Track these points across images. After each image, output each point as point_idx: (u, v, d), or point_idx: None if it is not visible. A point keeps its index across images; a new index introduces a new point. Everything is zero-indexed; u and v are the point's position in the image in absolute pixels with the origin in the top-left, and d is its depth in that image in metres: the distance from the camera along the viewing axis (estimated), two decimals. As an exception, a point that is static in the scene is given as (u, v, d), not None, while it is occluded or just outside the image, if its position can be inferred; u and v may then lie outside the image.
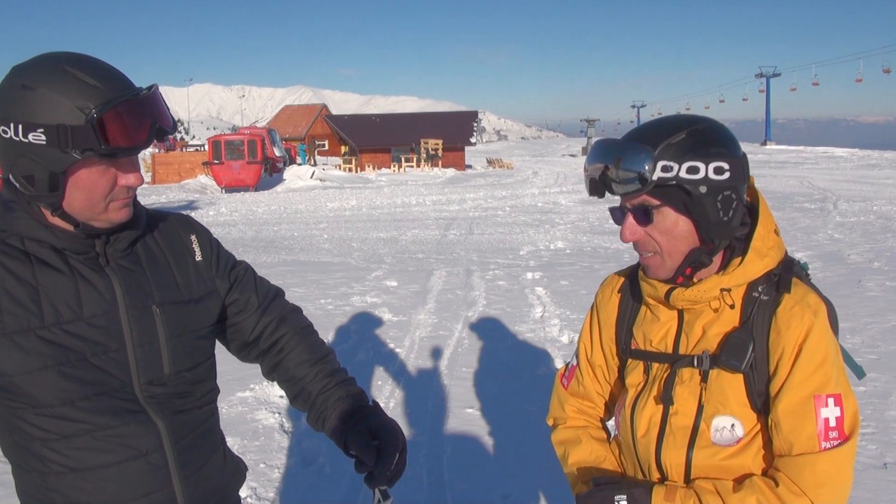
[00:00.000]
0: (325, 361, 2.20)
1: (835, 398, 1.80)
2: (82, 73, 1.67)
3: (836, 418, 1.79)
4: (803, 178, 33.07)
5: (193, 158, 43.57)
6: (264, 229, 19.97)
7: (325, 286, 11.34)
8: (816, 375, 1.80)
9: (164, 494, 1.91)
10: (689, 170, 1.78)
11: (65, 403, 1.76)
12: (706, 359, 1.91)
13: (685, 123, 1.84)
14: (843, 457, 1.79)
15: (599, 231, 17.85)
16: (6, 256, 1.77)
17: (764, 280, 1.91)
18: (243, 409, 6.27)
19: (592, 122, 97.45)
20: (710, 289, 1.89)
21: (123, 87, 1.72)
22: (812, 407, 1.79)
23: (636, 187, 1.81)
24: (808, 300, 1.87)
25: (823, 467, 1.77)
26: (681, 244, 1.88)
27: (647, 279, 1.99)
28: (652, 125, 1.90)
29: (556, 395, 2.39)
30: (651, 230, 1.89)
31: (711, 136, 1.84)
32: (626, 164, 1.81)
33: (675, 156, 1.78)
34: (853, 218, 19.34)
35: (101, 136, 1.65)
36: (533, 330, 8.67)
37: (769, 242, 1.91)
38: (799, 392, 1.80)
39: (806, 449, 1.79)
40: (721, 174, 1.80)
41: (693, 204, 1.81)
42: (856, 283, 10.76)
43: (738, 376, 1.89)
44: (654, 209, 1.85)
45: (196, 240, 2.10)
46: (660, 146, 1.79)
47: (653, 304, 2.05)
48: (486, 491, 4.86)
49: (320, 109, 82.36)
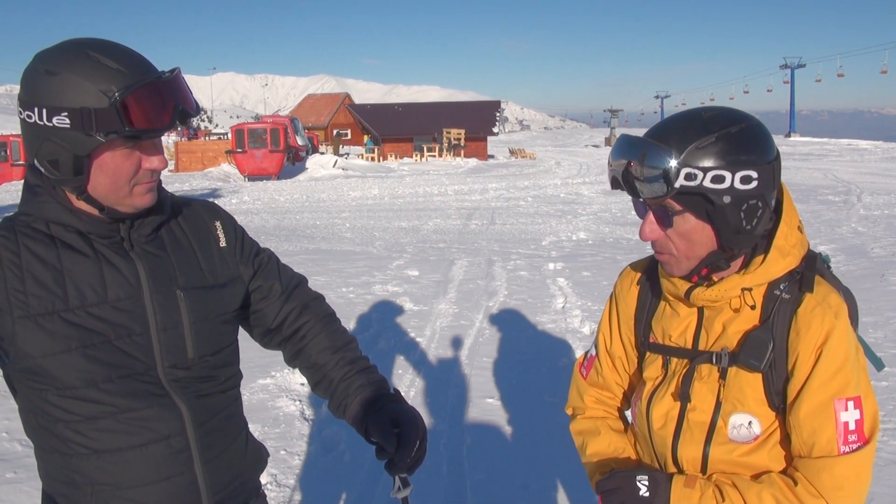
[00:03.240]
0: (348, 349, 2.21)
1: (854, 401, 1.78)
2: (105, 57, 1.68)
3: (855, 421, 1.77)
4: (827, 171, 32.73)
5: (216, 147, 43.74)
6: (286, 218, 20.03)
7: (346, 275, 11.35)
8: (836, 378, 1.78)
9: (185, 478, 1.93)
10: (715, 179, 1.71)
11: (88, 386, 1.78)
12: (725, 356, 1.89)
13: (716, 125, 1.75)
14: (862, 460, 1.78)
15: (622, 222, 17.76)
16: (31, 240, 1.79)
17: (786, 278, 1.87)
18: (264, 397, 6.30)
19: (616, 112, 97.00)
20: (731, 288, 1.86)
21: (146, 70, 1.73)
22: (832, 410, 1.78)
23: (658, 192, 1.75)
24: (830, 301, 1.84)
25: (842, 471, 1.76)
26: (699, 249, 1.84)
27: (667, 276, 1.97)
28: (682, 122, 1.80)
29: (575, 384, 2.39)
30: (670, 233, 1.84)
31: (743, 142, 1.75)
32: (650, 164, 1.74)
33: (700, 162, 1.71)
34: (877, 211, 19.11)
35: (125, 118, 1.66)
36: (554, 321, 8.65)
37: (792, 240, 1.87)
38: (819, 395, 1.79)
39: (825, 452, 1.77)
40: (748, 183, 1.73)
41: (715, 213, 1.75)
42: (879, 277, 10.63)
43: (757, 375, 1.87)
44: (674, 214, 1.80)
45: (220, 226, 2.12)
46: (686, 150, 1.72)
47: (672, 299, 2.03)
48: (506, 481, 4.86)
49: (343, 98, 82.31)
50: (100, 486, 1.85)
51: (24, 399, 1.87)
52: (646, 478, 1.88)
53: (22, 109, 1.72)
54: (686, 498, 1.84)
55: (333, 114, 77.06)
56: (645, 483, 1.87)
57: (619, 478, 1.91)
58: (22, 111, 1.72)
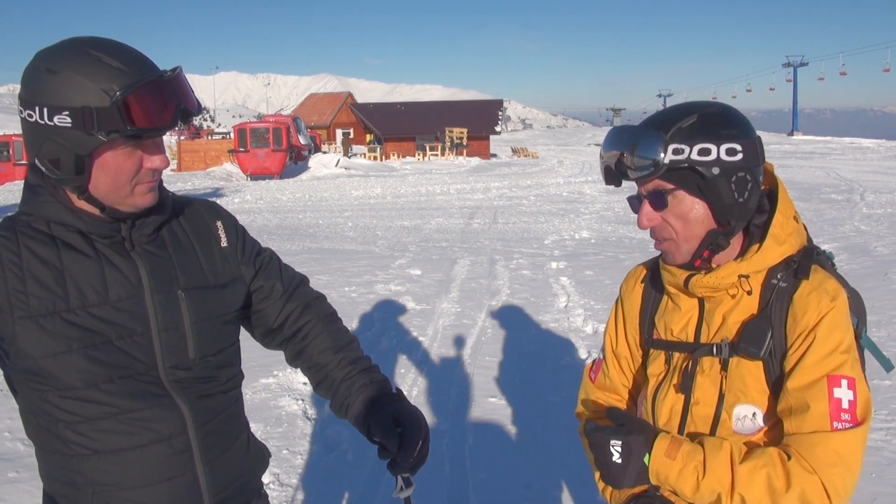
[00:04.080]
0: (349, 349, 2.21)
1: (849, 381, 1.77)
2: (106, 55, 1.67)
3: (849, 401, 1.75)
4: (830, 169, 32.73)
5: (219, 146, 43.83)
6: (289, 217, 20.05)
7: (349, 274, 11.36)
8: (832, 357, 1.78)
9: (186, 479, 1.92)
10: (701, 151, 1.79)
11: (89, 386, 1.78)
12: (725, 347, 1.90)
13: (697, 108, 1.85)
14: (856, 440, 1.74)
15: (624, 221, 17.76)
16: (32, 240, 1.78)
17: (783, 267, 1.89)
18: (267, 396, 6.30)
19: (618, 111, 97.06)
20: (729, 275, 1.88)
21: (147, 69, 1.72)
22: (825, 385, 1.76)
23: (649, 171, 1.82)
24: (826, 286, 1.84)
25: (836, 447, 1.72)
26: (696, 228, 1.87)
27: (667, 267, 1.99)
28: (665, 111, 1.91)
29: (584, 388, 2.39)
30: (666, 215, 1.88)
31: (722, 119, 1.84)
32: (640, 151, 1.83)
33: (686, 138, 1.79)
34: (880, 210, 19.10)
35: (126, 117, 1.65)
36: (557, 320, 8.64)
37: (788, 229, 1.90)
38: (813, 372, 1.78)
39: (818, 427, 1.75)
40: (734, 155, 1.80)
41: (707, 186, 1.82)
42: (882, 276, 10.62)
43: (758, 364, 1.87)
44: (668, 193, 1.85)
45: (222, 226, 2.11)
46: (671, 130, 1.81)
47: (674, 292, 2.04)
48: (508, 480, 4.85)
49: (345, 98, 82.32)
50: (101, 486, 1.85)
51: (25, 399, 1.87)
52: (619, 443, 1.85)
53: (23, 109, 1.71)
54: (666, 467, 1.81)
55: (336, 113, 77.10)
56: (618, 449, 1.84)
57: (594, 437, 1.89)
58: (23, 110, 1.71)
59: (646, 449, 1.84)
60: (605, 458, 1.86)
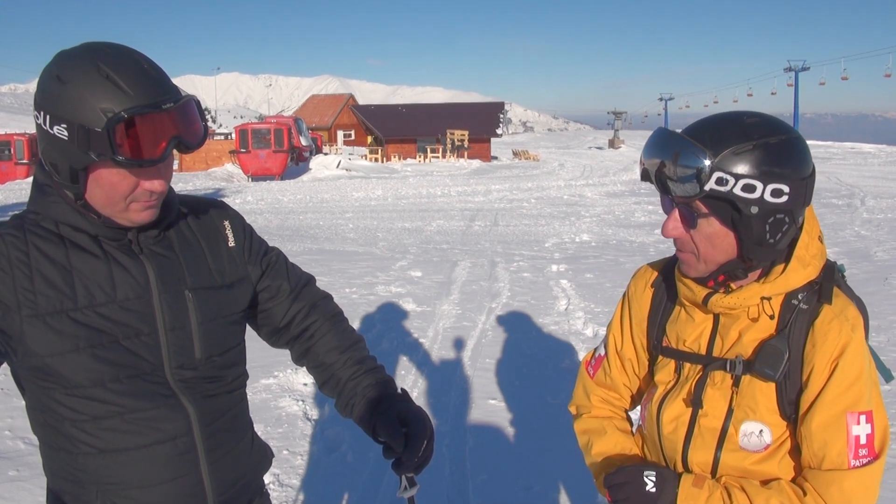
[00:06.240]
0: (355, 349, 2.21)
1: (866, 415, 1.77)
2: (116, 72, 1.65)
3: (866, 436, 1.77)
4: (830, 174, 32.67)
5: (220, 147, 43.82)
6: (290, 218, 20.04)
7: (349, 275, 11.37)
8: (850, 392, 1.77)
9: (190, 478, 1.93)
10: (746, 188, 1.69)
11: (96, 385, 1.78)
12: (740, 364, 1.88)
13: (756, 133, 1.72)
14: (872, 475, 1.77)
15: (625, 224, 17.77)
16: (40, 239, 1.78)
17: (804, 288, 1.86)
18: (267, 397, 6.29)
19: (620, 114, 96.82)
20: (751, 297, 1.84)
21: (154, 94, 1.68)
22: (844, 423, 1.77)
23: (688, 192, 1.74)
24: (848, 314, 1.82)
25: (851, 485, 1.75)
26: (719, 255, 1.82)
27: (685, 280, 1.94)
28: (722, 123, 1.78)
29: (582, 383, 2.38)
30: (693, 234, 1.82)
31: (779, 156, 1.72)
32: (683, 163, 1.72)
33: (734, 168, 1.69)
34: (880, 215, 19.11)
35: (115, 146, 1.63)
36: (557, 322, 8.65)
37: (812, 250, 1.85)
38: (832, 408, 1.78)
39: (835, 465, 1.77)
40: (778, 197, 1.71)
41: (741, 221, 1.74)
42: (882, 281, 10.63)
43: (771, 384, 1.85)
44: (700, 216, 1.79)
45: (229, 225, 2.11)
46: (721, 153, 1.70)
47: (688, 305, 2.00)
48: (508, 482, 4.86)
49: (347, 99, 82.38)
50: (105, 485, 1.86)
51: (32, 397, 1.87)
52: (653, 473, 1.87)
53: (34, 108, 1.72)
54: (693, 497, 1.83)
55: (337, 114, 77.11)
56: (652, 479, 1.86)
57: (626, 472, 1.90)
58: (34, 110, 1.72)
59: (675, 478, 1.88)
60: (640, 487, 1.87)
